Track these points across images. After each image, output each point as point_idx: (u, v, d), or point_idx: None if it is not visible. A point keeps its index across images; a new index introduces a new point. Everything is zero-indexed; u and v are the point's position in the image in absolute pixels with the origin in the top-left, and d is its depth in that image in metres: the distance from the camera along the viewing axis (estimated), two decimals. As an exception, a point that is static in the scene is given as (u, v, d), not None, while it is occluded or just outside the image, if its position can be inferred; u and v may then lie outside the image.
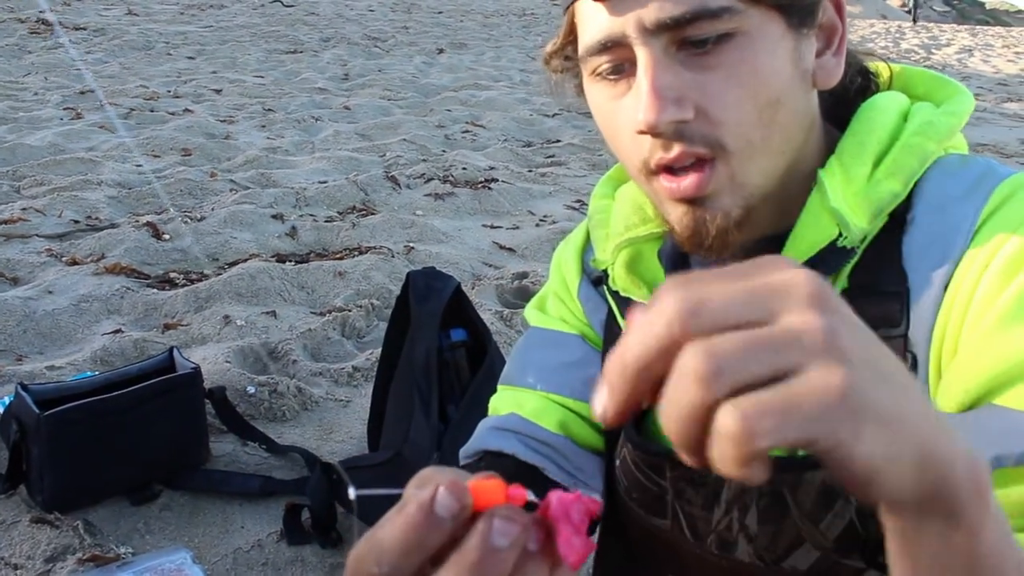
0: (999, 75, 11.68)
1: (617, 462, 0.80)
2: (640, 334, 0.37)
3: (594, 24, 0.64)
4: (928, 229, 0.65)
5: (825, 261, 0.66)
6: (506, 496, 0.41)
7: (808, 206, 0.67)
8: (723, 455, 0.35)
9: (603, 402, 0.39)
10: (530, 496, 0.42)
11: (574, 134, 5.90)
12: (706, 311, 0.36)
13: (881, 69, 0.77)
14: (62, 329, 2.54)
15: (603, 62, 0.65)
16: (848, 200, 0.67)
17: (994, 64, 13.07)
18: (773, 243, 0.69)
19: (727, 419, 0.34)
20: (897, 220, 0.67)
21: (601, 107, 0.68)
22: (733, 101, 0.62)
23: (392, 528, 0.40)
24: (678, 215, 0.67)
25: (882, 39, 16.46)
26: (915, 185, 0.67)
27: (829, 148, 0.71)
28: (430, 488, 0.40)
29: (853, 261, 0.67)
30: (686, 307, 0.36)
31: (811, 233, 0.67)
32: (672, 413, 0.36)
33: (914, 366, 0.64)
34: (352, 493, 0.43)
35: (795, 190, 0.69)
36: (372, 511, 0.45)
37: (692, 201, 0.65)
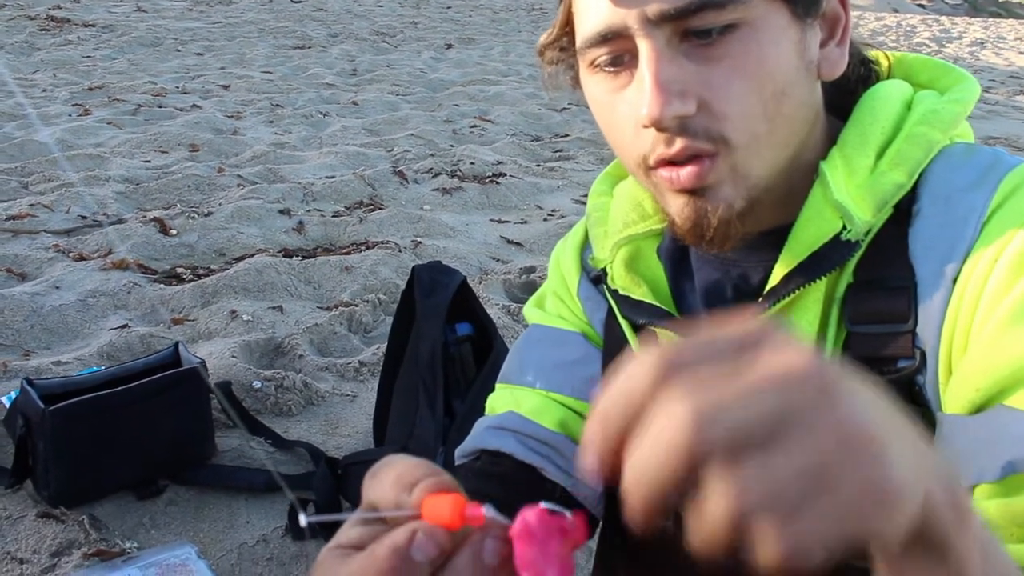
0: (1011, 68, 11.59)
1: None
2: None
3: (594, 15, 0.63)
4: (935, 221, 0.64)
5: (829, 255, 0.65)
6: (462, 516, 0.39)
7: (810, 199, 0.66)
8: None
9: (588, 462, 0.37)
10: (488, 512, 0.40)
11: (582, 128, 5.88)
12: (726, 433, 0.34)
13: (880, 57, 0.75)
14: (69, 324, 2.54)
15: (602, 54, 0.64)
16: (851, 192, 0.65)
17: (1006, 57, 12.96)
18: (775, 236, 0.68)
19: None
20: (902, 212, 0.65)
21: (599, 100, 0.67)
22: (737, 93, 0.60)
23: (363, 570, 0.40)
24: (678, 206, 0.65)
25: (893, 33, 16.34)
26: (920, 176, 0.66)
27: (831, 139, 0.69)
28: (404, 532, 0.40)
29: (858, 255, 0.65)
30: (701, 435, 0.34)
31: (814, 227, 0.65)
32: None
33: (923, 362, 0.62)
34: (303, 520, 0.43)
35: (798, 183, 0.67)
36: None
37: (693, 192, 0.64)
